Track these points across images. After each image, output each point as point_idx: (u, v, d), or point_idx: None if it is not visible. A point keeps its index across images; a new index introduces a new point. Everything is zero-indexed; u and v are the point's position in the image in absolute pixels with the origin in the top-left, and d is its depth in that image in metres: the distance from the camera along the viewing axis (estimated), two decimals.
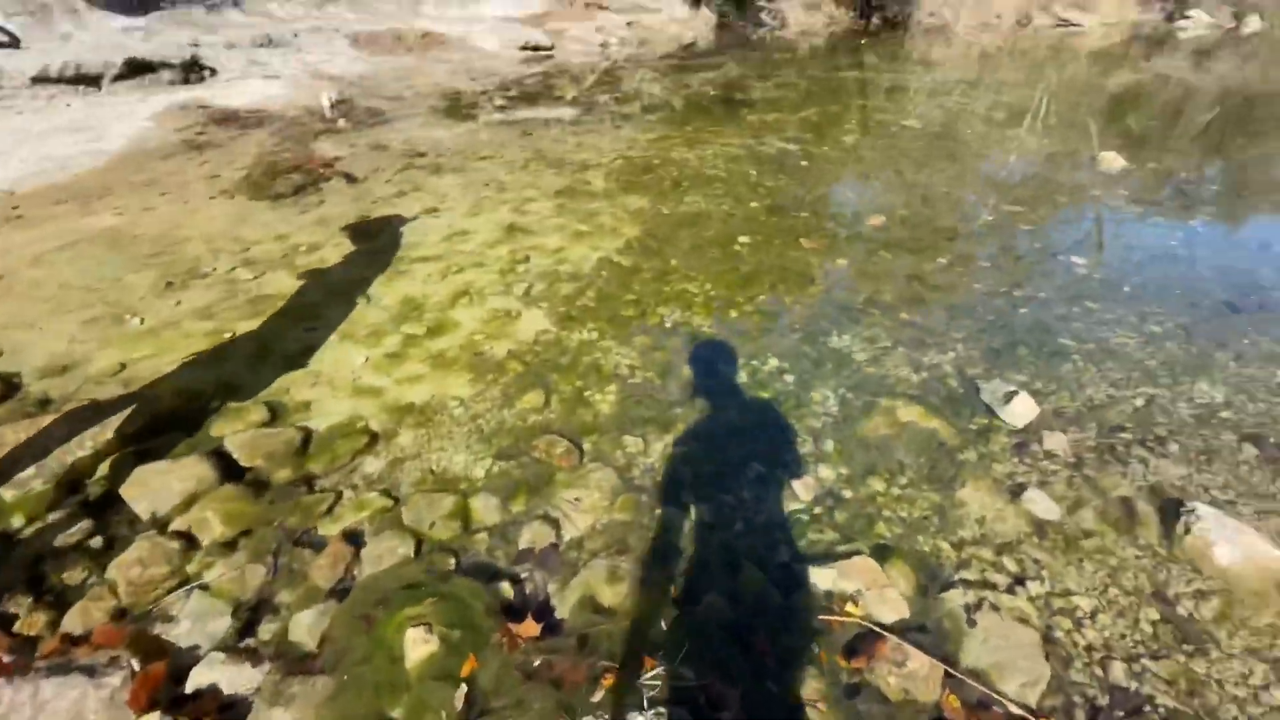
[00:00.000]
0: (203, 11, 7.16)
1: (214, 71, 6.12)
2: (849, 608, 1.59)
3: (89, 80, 5.33)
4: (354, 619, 1.50)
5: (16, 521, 1.71)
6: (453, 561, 1.70)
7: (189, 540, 1.69)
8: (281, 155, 4.48)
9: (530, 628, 1.49)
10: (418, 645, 1.41)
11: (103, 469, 1.88)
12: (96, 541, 1.68)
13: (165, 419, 2.08)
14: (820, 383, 2.52)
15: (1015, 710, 1.38)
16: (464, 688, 1.35)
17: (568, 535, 1.84)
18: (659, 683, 1.39)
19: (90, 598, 1.53)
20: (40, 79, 5.16)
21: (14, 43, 5.76)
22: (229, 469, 1.92)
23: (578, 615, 1.58)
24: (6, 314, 2.58)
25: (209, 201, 3.69)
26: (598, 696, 1.34)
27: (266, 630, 1.52)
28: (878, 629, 1.53)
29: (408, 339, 2.66)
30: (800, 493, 1.99)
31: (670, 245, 3.61)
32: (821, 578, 1.68)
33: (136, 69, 5.59)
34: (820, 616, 1.59)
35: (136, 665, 1.36)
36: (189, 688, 1.37)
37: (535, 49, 9.17)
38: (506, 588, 1.64)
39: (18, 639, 1.44)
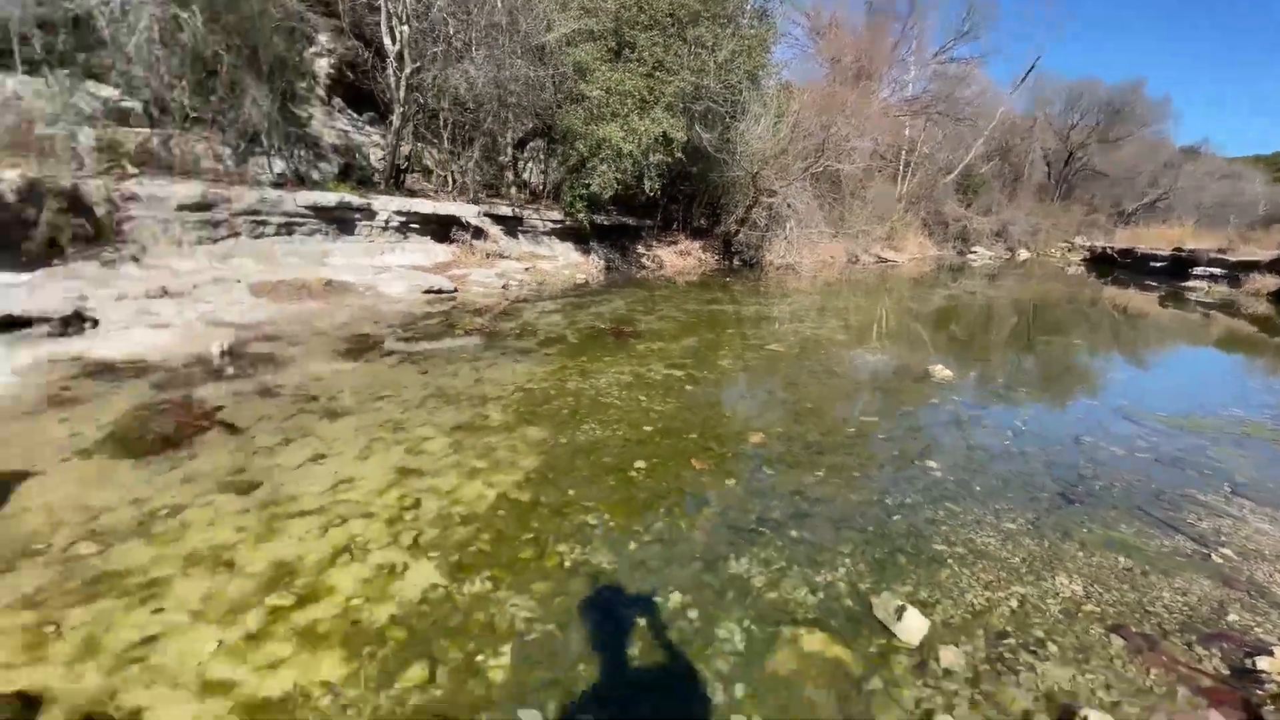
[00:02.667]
0: (97, 267, 7.25)
1: (95, 323, 6.02)
2: None
3: None
4: None
5: None
6: None
7: None
8: (156, 407, 4.28)
9: None
10: None
11: None
12: None
13: None
14: (724, 615, 2.49)
15: None
16: None
17: None
18: None
19: None
20: None
21: None
22: None
23: None
24: None
25: (61, 464, 3.36)
26: None
27: None
28: None
29: (272, 612, 2.38)
30: None
31: (568, 475, 3.68)
32: None
33: (8, 325, 5.39)
34: None
35: None
36: None
37: (439, 292, 9.93)
38: None
39: None
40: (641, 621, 2.44)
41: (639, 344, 7.41)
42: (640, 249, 15.73)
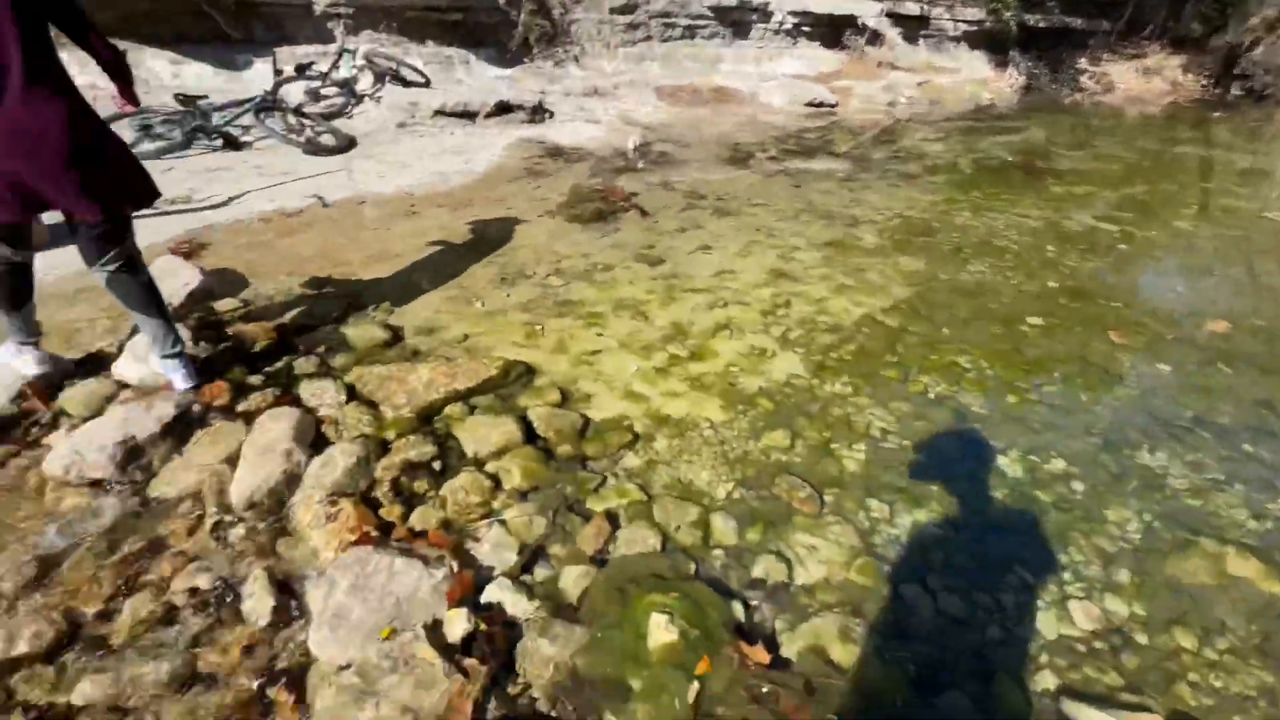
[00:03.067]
0: (551, 66, 8.77)
1: (551, 114, 7.45)
2: None
3: (469, 115, 6.93)
4: (610, 589, 1.72)
5: (390, 435, 2.29)
6: (693, 567, 1.84)
7: (496, 482, 2.10)
8: (592, 186, 5.29)
9: (761, 654, 1.55)
10: (660, 631, 1.56)
11: (448, 410, 2.42)
12: (436, 464, 2.17)
13: (490, 384, 2.60)
14: (1120, 502, 2.16)
15: None
16: (697, 685, 1.46)
17: (800, 579, 1.86)
18: None
19: (429, 505, 1.99)
20: (439, 112, 6.86)
21: (427, 84, 7.72)
22: (529, 434, 2.33)
23: (805, 660, 1.59)
24: (400, 283, 3.48)
25: (537, 219, 4.51)
26: None
27: (541, 573, 1.81)
28: None
29: (672, 358, 2.93)
30: (1079, 619, 1.73)
31: (944, 313, 3.41)
32: None
33: (501, 109, 7.08)
34: None
35: (455, 568, 1.73)
36: (484, 599, 1.70)
37: (819, 105, 9.38)
38: (738, 608, 1.72)
39: (381, 521, 1.93)
40: (1008, 470, 2.28)
41: (1056, 185, 5.99)
42: (1082, 63, 11.97)
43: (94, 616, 1.64)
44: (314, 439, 2.21)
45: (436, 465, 2.17)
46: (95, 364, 2.53)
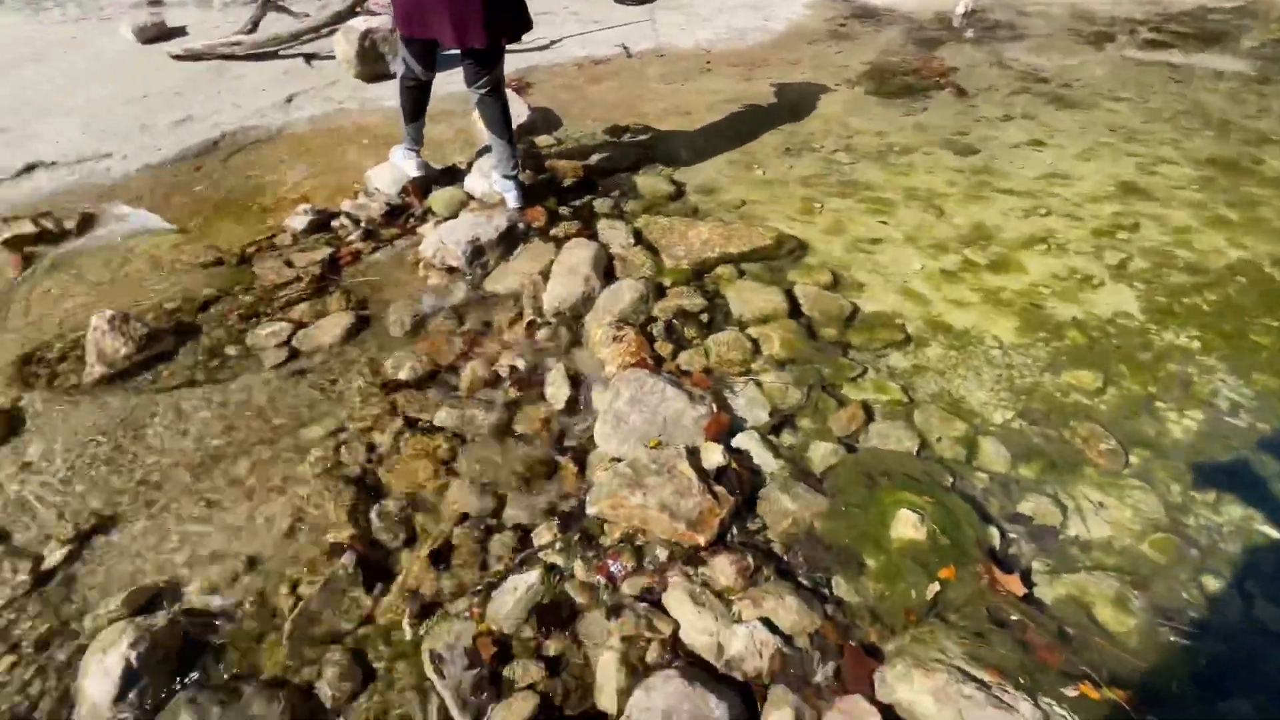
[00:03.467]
0: None
1: None
2: None
3: None
4: (859, 473, 1.72)
5: (666, 281, 2.46)
6: (950, 480, 1.74)
7: (756, 346, 2.16)
8: (903, 56, 4.62)
9: (1016, 584, 1.46)
10: (907, 526, 1.54)
11: (719, 270, 2.51)
12: (704, 317, 2.30)
13: (762, 252, 2.60)
14: None
15: None
16: (937, 586, 1.44)
17: (1073, 531, 1.66)
18: None
19: (695, 351, 2.15)
20: None
21: None
22: (794, 308, 2.32)
23: (1064, 608, 1.46)
24: (688, 140, 3.53)
25: (833, 87, 4.13)
26: (1070, 691, 1.25)
27: (788, 438, 1.88)
28: None
29: (966, 263, 2.60)
30: None
31: None
32: None
33: None
34: None
35: (715, 408, 1.87)
36: (734, 443, 1.83)
37: None
38: (994, 534, 1.61)
39: (655, 353, 2.13)
40: None
41: None
42: None
43: (446, 368, 2.14)
44: (606, 270, 2.47)
45: (704, 317, 2.29)
46: (452, 175, 3.08)
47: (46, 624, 1.44)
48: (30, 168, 3.10)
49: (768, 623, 1.37)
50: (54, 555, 1.56)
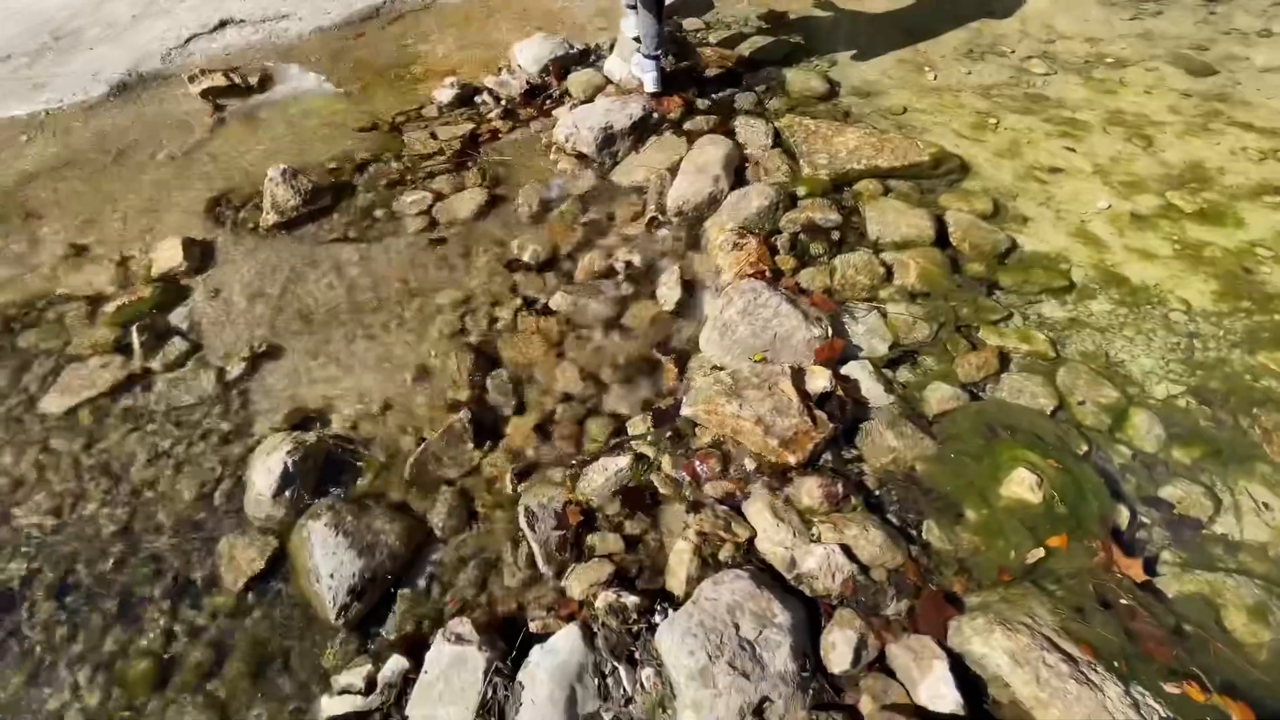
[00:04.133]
0: None
1: None
2: None
3: None
4: (979, 422, 1.60)
5: (800, 191, 2.29)
6: (1084, 448, 1.57)
7: (889, 272, 2.00)
8: None
9: (1137, 569, 1.33)
10: (1021, 486, 1.43)
11: (862, 185, 2.30)
12: (836, 234, 2.14)
13: (915, 170, 2.33)
14: None
15: None
16: (1042, 552, 1.35)
17: (1222, 529, 1.46)
18: None
19: (819, 269, 2.02)
20: None
21: None
22: (940, 236, 2.09)
23: (1186, 605, 1.32)
24: (853, 33, 3.14)
25: None
26: (1171, 687, 1.16)
27: (905, 375, 1.76)
28: None
29: (1167, 208, 2.19)
30: None
31: None
32: None
33: None
34: None
35: (829, 332, 1.79)
36: (844, 370, 1.75)
37: None
38: (1124, 514, 1.46)
39: (775, 266, 2.04)
40: None
41: None
42: None
43: (565, 255, 2.19)
44: (737, 171, 2.34)
45: (836, 235, 2.14)
46: (591, 56, 2.98)
47: (228, 424, 1.75)
48: (223, 24, 3.39)
49: (846, 550, 1.36)
50: (234, 369, 1.86)
